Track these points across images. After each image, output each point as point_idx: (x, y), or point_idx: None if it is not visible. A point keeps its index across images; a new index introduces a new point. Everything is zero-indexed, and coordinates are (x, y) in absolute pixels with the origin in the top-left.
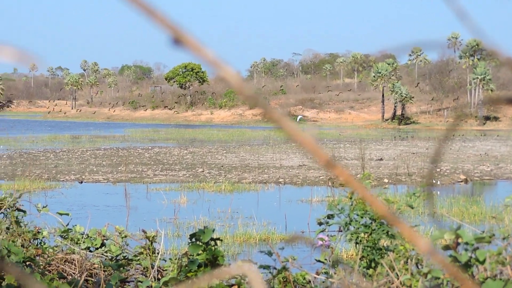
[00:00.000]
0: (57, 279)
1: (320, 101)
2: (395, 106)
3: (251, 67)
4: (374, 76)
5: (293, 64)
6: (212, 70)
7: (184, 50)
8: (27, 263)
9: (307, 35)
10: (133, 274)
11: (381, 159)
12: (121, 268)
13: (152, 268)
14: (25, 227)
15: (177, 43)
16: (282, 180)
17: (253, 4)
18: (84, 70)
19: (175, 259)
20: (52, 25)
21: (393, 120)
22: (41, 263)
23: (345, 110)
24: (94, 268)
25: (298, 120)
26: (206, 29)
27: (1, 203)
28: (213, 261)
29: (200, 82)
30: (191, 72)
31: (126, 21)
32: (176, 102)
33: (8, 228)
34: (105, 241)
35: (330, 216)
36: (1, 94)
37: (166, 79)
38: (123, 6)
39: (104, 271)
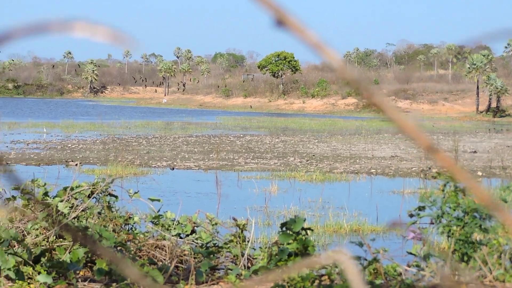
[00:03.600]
0: (148, 264)
1: (414, 92)
2: (490, 98)
3: (344, 56)
4: (468, 68)
5: (386, 55)
6: (315, 53)
7: (287, 32)
8: (118, 248)
9: (401, 25)
10: (223, 262)
11: (475, 152)
12: (211, 256)
13: (242, 256)
14: (116, 212)
15: (279, 25)
16: (374, 170)
17: None
18: (178, 57)
19: (265, 247)
20: (146, 11)
21: (488, 113)
22: (132, 249)
23: (438, 102)
24: (184, 255)
25: None
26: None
27: (94, 188)
28: (303, 251)
29: (292, 71)
30: (284, 61)
31: (220, 8)
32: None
33: (100, 213)
34: (195, 228)
35: (421, 208)
36: (95, 80)
37: (258, 67)
38: None
39: (194, 258)
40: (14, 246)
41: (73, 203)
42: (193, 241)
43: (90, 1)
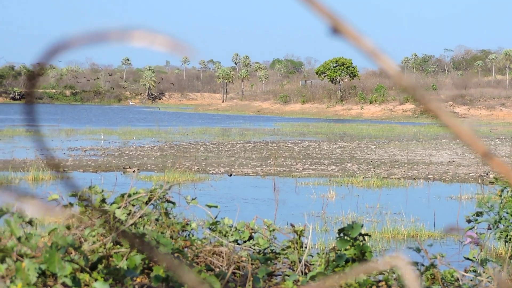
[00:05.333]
0: (205, 271)
1: (471, 97)
2: None
3: (402, 62)
4: None
5: (444, 60)
6: (371, 60)
7: (342, 39)
8: (176, 254)
9: (459, 31)
10: (280, 268)
11: None
12: (269, 262)
13: (300, 262)
14: (174, 218)
15: (335, 32)
16: (432, 176)
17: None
18: (236, 64)
19: (323, 253)
20: (205, 19)
21: None
22: (189, 255)
23: (496, 107)
24: (242, 261)
25: None
26: (359, 23)
27: (151, 195)
28: (361, 257)
29: (350, 76)
30: (342, 67)
31: (278, 14)
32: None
33: (157, 220)
34: (253, 234)
35: (479, 214)
36: (153, 86)
37: (316, 73)
38: None
39: (251, 264)
40: (71, 253)
41: (130, 210)
42: (250, 247)
43: (148, 9)
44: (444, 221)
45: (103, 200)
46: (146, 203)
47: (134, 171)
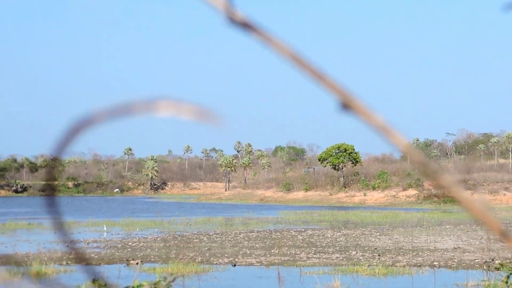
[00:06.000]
0: None
1: (474, 182)
2: None
3: None
4: None
5: (446, 145)
6: (382, 136)
7: (352, 115)
8: None
9: (461, 115)
10: None
11: None
12: None
13: None
14: None
15: (345, 109)
16: (437, 263)
17: (405, 85)
18: (238, 152)
19: None
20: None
21: None
22: None
23: (499, 191)
24: None
25: None
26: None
27: (155, 287)
28: None
29: (353, 163)
30: (344, 153)
31: (280, 102)
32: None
33: None
34: None
35: None
36: (155, 176)
37: (319, 160)
38: (280, 86)
39: None
40: None
41: None
42: None
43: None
44: None
45: None
46: None
47: (137, 263)
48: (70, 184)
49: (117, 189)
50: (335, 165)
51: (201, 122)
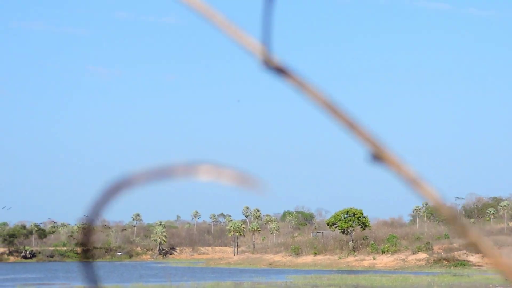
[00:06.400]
0: None
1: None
2: None
3: (413, 211)
4: None
5: (456, 209)
6: (412, 188)
7: (382, 167)
8: None
9: (470, 179)
10: None
11: None
12: None
13: None
14: None
15: (376, 160)
16: None
17: (413, 149)
18: (246, 217)
19: None
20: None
21: None
22: None
23: (510, 255)
24: None
25: None
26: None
27: None
28: None
29: (362, 227)
30: (353, 217)
31: (287, 168)
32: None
33: None
34: None
35: None
36: (164, 241)
37: (328, 224)
38: (287, 151)
39: None
40: None
41: None
42: None
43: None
44: None
45: None
46: None
47: None
48: (79, 249)
49: (121, 252)
50: (344, 229)
51: (242, 188)
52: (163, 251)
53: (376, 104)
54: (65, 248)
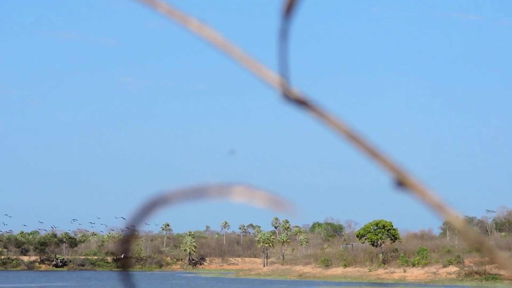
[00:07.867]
0: None
1: None
2: None
3: (443, 224)
4: None
5: (486, 222)
6: (437, 213)
7: (407, 193)
8: None
9: (501, 192)
10: None
11: None
12: None
13: None
14: None
15: (400, 186)
16: None
17: (443, 163)
18: (276, 228)
19: None
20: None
21: None
22: None
23: None
24: None
25: None
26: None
27: None
28: None
29: (392, 239)
30: (383, 230)
31: (316, 179)
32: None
33: None
34: None
35: None
36: (194, 251)
37: (357, 236)
38: (317, 162)
39: None
40: None
41: None
42: None
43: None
44: None
45: None
46: None
47: None
48: (109, 259)
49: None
50: (374, 242)
51: (275, 210)
52: (193, 261)
53: (404, 121)
54: (95, 257)
